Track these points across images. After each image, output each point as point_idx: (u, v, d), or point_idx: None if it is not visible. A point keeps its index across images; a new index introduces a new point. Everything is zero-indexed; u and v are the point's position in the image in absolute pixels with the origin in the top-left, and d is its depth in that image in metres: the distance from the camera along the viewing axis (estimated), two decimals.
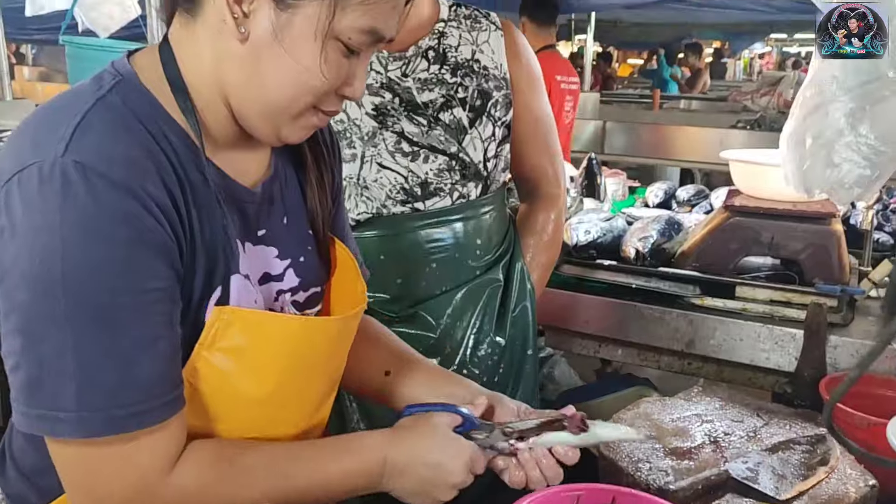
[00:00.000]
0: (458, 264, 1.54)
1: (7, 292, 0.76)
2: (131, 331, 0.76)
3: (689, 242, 1.99)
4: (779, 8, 4.89)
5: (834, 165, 1.56)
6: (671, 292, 1.91)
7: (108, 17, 2.54)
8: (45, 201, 0.73)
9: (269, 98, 0.84)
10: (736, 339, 1.82)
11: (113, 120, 0.79)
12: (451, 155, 1.48)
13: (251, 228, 0.92)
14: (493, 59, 1.52)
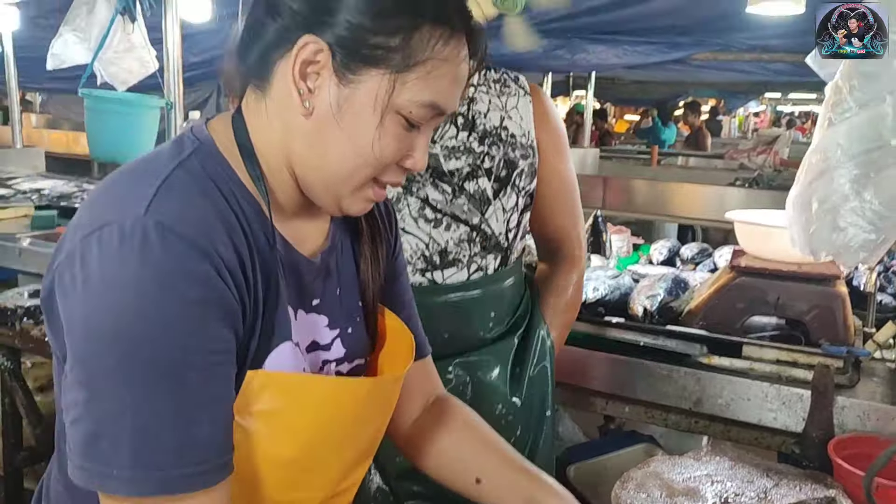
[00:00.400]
0: (471, 335, 1.56)
1: (75, 344, 0.77)
2: (196, 391, 0.77)
3: (695, 301, 2.02)
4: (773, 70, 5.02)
5: (840, 229, 1.59)
6: (679, 351, 1.93)
7: (126, 72, 2.60)
8: (124, 258, 0.75)
9: (331, 170, 0.87)
10: (743, 398, 1.83)
11: (192, 184, 0.82)
12: (473, 226, 1.50)
13: (306, 297, 0.94)
14: (521, 125, 1.54)
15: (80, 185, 4.21)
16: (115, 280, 0.75)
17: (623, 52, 4.19)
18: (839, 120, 1.58)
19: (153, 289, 0.75)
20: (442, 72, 0.85)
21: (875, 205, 1.57)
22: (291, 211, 0.93)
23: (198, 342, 0.77)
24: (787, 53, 4.40)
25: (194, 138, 0.88)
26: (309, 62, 0.83)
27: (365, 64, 0.83)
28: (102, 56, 2.54)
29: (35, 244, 3.10)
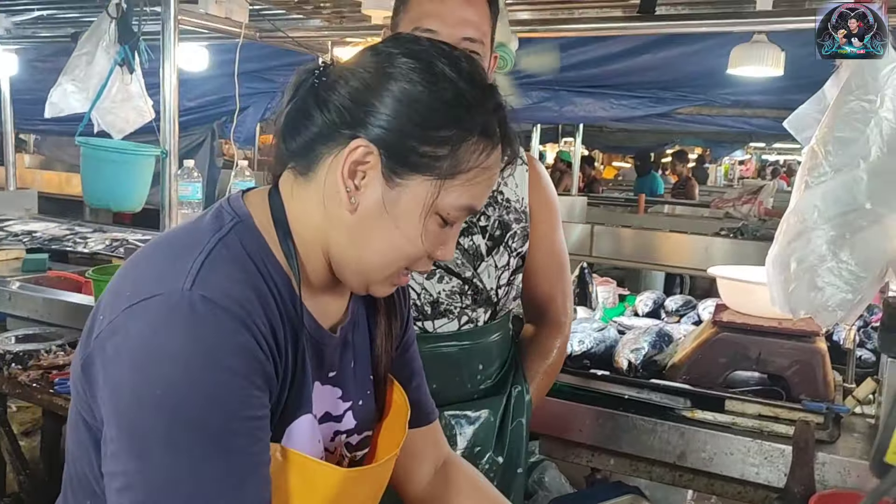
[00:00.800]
0: (458, 385, 1.59)
1: (122, 414, 0.79)
2: (243, 456, 0.80)
3: (679, 355, 2.05)
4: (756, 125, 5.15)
5: (818, 289, 1.64)
6: (663, 404, 1.96)
7: (123, 121, 2.65)
8: (171, 331, 0.78)
9: (369, 261, 0.91)
10: (726, 452, 1.86)
11: (233, 260, 0.86)
12: (465, 279, 1.55)
13: (324, 368, 0.98)
14: (515, 192, 1.61)
15: (72, 228, 4.24)
16: (163, 352, 0.78)
17: (609, 105, 4.29)
18: (815, 183, 1.64)
19: (201, 361, 0.78)
20: (481, 178, 0.90)
21: (851, 265, 1.62)
22: (318, 286, 0.96)
23: (242, 410, 0.81)
24: (768, 109, 4.52)
25: (233, 213, 0.91)
26: (358, 162, 0.87)
27: (412, 170, 0.87)
28: (100, 105, 2.59)
29: (25, 288, 3.12)
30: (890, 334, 1.74)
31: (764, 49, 2.61)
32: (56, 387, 2.33)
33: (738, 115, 4.86)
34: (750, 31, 2.62)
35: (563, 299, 1.72)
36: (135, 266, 0.88)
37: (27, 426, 3.14)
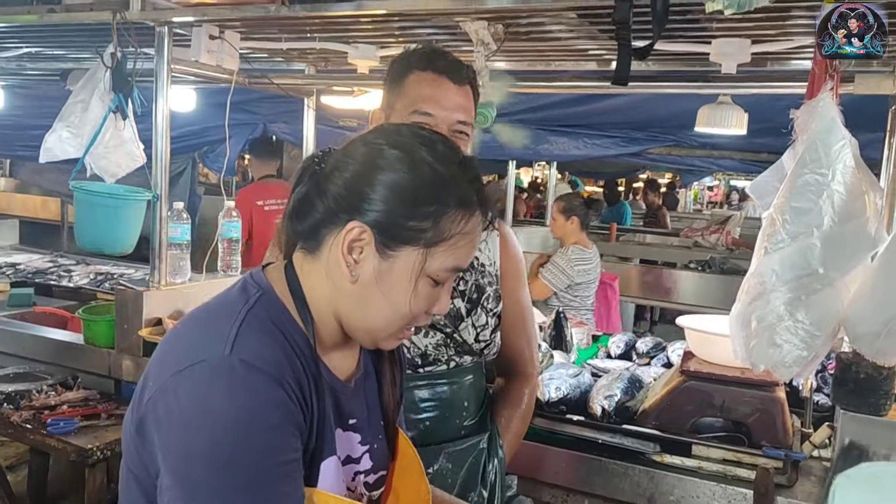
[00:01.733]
0: (448, 422, 1.70)
1: (175, 466, 0.91)
2: (282, 496, 0.92)
3: (649, 401, 2.18)
4: (724, 165, 5.34)
5: (776, 346, 1.77)
6: (634, 448, 2.08)
7: (116, 165, 2.72)
8: (216, 391, 0.90)
9: (374, 323, 1.04)
10: (693, 496, 1.98)
11: (261, 327, 0.98)
12: (447, 334, 1.68)
13: (344, 416, 1.10)
14: (489, 257, 1.74)
15: (55, 260, 4.28)
16: (210, 410, 0.90)
17: (583, 144, 4.45)
18: (773, 249, 1.77)
19: (243, 415, 0.90)
20: (463, 242, 1.03)
21: (807, 325, 1.75)
22: (332, 345, 1.09)
23: (280, 456, 0.93)
24: (734, 151, 4.71)
25: (257, 286, 1.05)
26: (354, 241, 1.00)
27: (401, 243, 1.00)
28: (93, 151, 2.66)
29: (11, 325, 3.16)
30: (842, 388, 1.88)
31: (729, 110, 2.77)
32: (49, 427, 2.40)
33: (706, 155, 5.05)
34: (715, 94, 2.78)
35: (530, 351, 1.83)
36: (177, 337, 1.02)
37: (11, 461, 3.18)
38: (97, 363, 2.83)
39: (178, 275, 2.85)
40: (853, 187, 1.74)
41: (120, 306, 2.75)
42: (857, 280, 1.77)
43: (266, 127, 5.35)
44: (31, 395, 2.57)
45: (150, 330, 2.69)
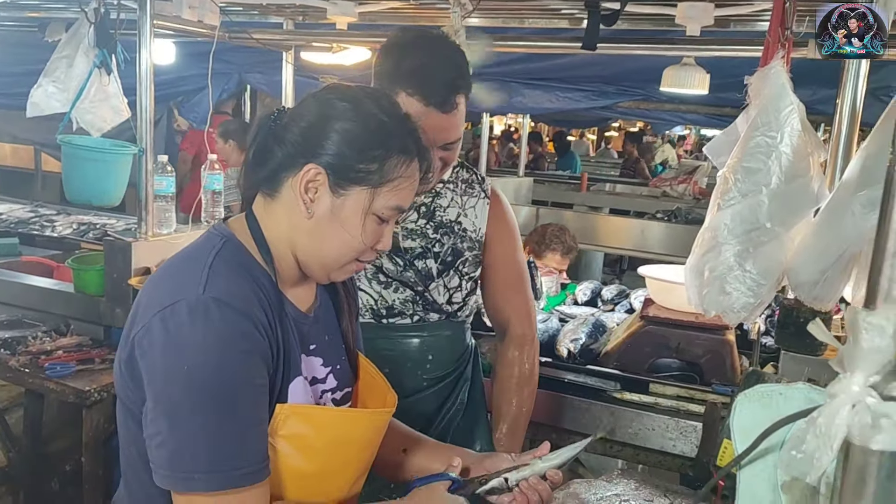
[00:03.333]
0: (410, 374, 1.82)
1: (157, 390, 1.07)
2: (248, 415, 1.09)
3: (611, 344, 2.36)
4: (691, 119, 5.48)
5: (726, 293, 1.94)
6: (596, 386, 2.27)
7: (101, 120, 2.79)
8: (194, 326, 1.05)
9: (326, 256, 1.20)
10: (649, 429, 2.18)
11: (229, 269, 1.13)
12: (417, 292, 1.80)
13: (306, 343, 1.25)
14: (474, 223, 1.84)
15: (36, 210, 4.33)
16: (188, 340, 1.06)
17: (556, 97, 4.56)
18: (726, 205, 1.93)
19: (217, 344, 1.06)
20: (405, 185, 1.20)
21: (754, 274, 1.93)
22: (291, 281, 1.25)
23: (248, 380, 1.09)
24: (701, 105, 4.85)
25: (220, 235, 1.20)
26: (310, 181, 1.16)
27: (351, 183, 1.17)
28: (79, 105, 2.73)
29: (2, 274, 3.25)
30: (784, 331, 2.06)
31: (692, 71, 2.91)
32: (47, 371, 2.53)
33: (674, 109, 5.19)
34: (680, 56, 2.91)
35: (527, 312, 1.90)
36: (156, 283, 1.17)
37: (5, 403, 3.29)
38: (88, 311, 2.94)
39: (164, 226, 2.95)
40: (799, 149, 1.90)
41: (109, 256, 2.85)
42: (799, 234, 1.94)
43: (242, 77, 5.38)
44: (27, 341, 2.69)
45: (140, 279, 2.80)
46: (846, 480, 0.60)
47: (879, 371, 0.58)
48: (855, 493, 0.59)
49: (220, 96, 5.55)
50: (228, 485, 1.06)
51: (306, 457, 1.18)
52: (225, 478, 1.06)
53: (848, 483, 0.60)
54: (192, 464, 1.05)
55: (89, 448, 2.55)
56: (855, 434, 0.59)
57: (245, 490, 1.08)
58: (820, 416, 0.58)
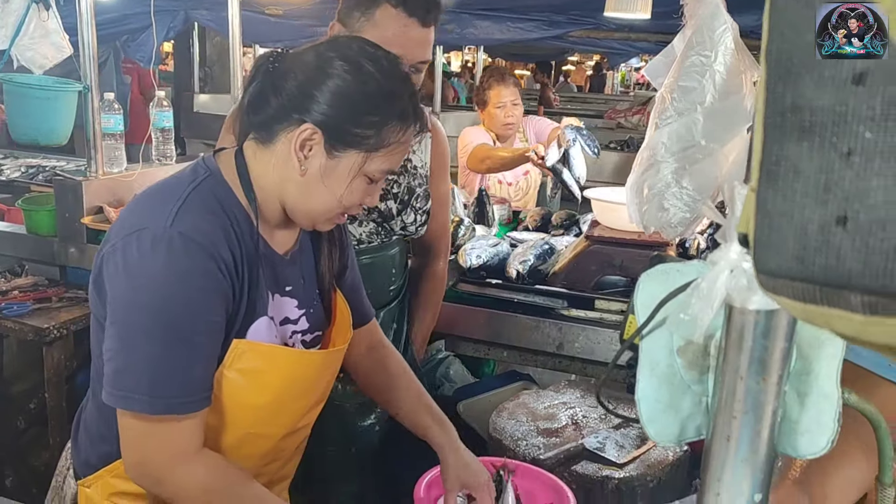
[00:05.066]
0: (381, 287, 1.96)
1: (116, 311, 1.12)
2: (198, 348, 1.13)
3: (559, 265, 2.45)
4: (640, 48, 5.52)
5: (664, 210, 2.03)
6: (545, 305, 2.36)
7: (43, 57, 2.74)
8: (155, 256, 1.09)
9: (315, 209, 1.23)
10: (595, 342, 2.29)
11: (203, 204, 1.16)
12: (378, 224, 1.93)
13: (281, 284, 1.29)
14: (420, 158, 1.96)
15: None
16: (149, 269, 1.10)
17: (507, 28, 4.56)
18: (663, 124, 2.00)
19: (175, 278, 1.10)
20: (399, 149, 1.22)
21: (690, 190, 2.01)
22: (274, 223, 1.28)
23: (203, 315, 1.13)
24: (650, 34, 4.89)
25: (206, 167, 1.22)
26: (307, 139, 1.17)
27: (347, 146, 1.18)
28: (19, 42, 2.67)
29: None
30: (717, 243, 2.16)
31: None
32: (3, 311, 2.54)
33: (624, 38, 5.22)
34: None
35: (444, 235, 2.15)
36: (132, 207, 1.20)
37: None
38: (41, 251, 2.94)
39: (114, 164, 2.94)
40: (733, 67, 1.96)
41: (60, 196, 2.84)
42: (734, 150, 2.02)
43: (188, 14, 5.26)
44: None
45: (93, 218, 2.80)
46: (729, 340, 0.68)
47: None
48: (736, 349, 0.67)
49: (166, 35, 5.44)
50: (166, 411, 1.11)
51: (258, 390, 1.24)
52: (164, 404, 1.11)
53: (730, 342, 0.67)
54: (135, 385, 1.10)
55: (52, 385, 2.59)
56: (734, 296, 0.66)
57: (182, 418, 1.13)
58: (703, 282, 0.65)
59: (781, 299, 0.41)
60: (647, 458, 1.76)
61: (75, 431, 1.36)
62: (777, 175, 0.38)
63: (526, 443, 1.81)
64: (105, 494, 1.28)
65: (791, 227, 0.37)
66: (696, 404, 0.74)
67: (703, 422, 0.76)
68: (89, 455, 1.30)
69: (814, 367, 0.68)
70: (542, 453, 1.76)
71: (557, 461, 1.74)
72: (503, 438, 1.83)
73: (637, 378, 0.75)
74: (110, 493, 1.28)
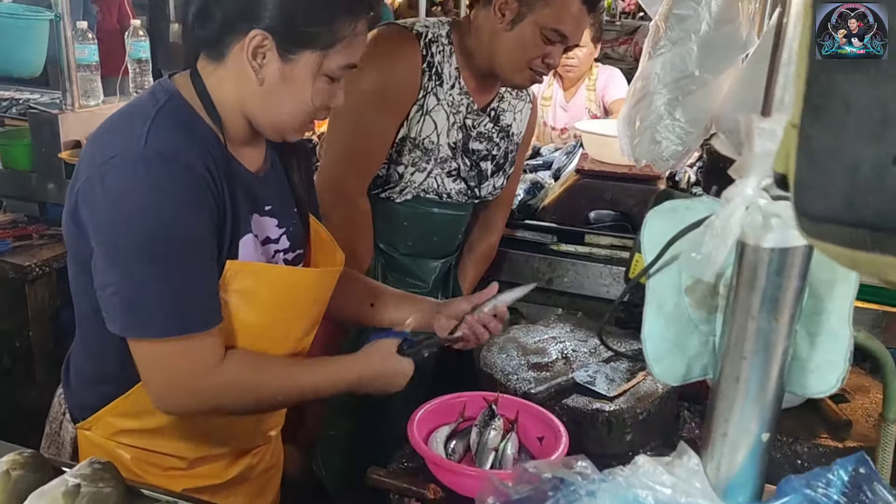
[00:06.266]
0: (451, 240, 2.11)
1: (104, 241, 1.09)
2: (195, 265, 1.11)
3: (548, 199, 2.42)
4: None
5: (656, 143, 2.00)
6: (534, 240, 2.35)
7: None
8: (137, 178, 1.06)
9: (280, 118, 1.19)
10: (584, 276, 2.28)
11: (172, 123, 1.12)
12: (469, 187, 1.99)
13: (259, 203, 1.26)
14: (519, 126, 2.01)
15: None
16: (132, 193, 1.07)
17: None
18: (657, 54, 1.95)
19: (162, 197, 1.07)
20: (355, 42, 1.18)
21: (682, 122, 1.98)
22: (240, 141, 1.24)
23: (193, 232, 1.11)
24: None
25: (165, 91, 1.18)
26: (258, 47, 1.13)
27: (300, 47, 1.14)
28: None
29: None
30: (710, 175, 2.14)
31: None
32: None
33: None
34: None
35: (511, 202, 2.25)
36: (98, 138, 1.16)
37: None
38: (19, 187, 2.87)
39: (90, 97, 2.85)
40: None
41: (35, 130, 2.76)
42: (728, 80, 1.98)
43: None
44: None
45: (71, 152, 2.73)
46: (740, 279, 0.66)
47: (771, 174, 0.63)
48: (747, 288, 0.65)
49: None
50: (183, 329, 1.10)
51: (256, 311, 1.22)
52: (180, 323, 1.10)
53: (742, 280, 0.66)
54: (147, 310, 1.09)
55: (36, 323, 2.57)
56: (748, 234, 0.64)
57: (199, 336, 1.12)
58: (716, 219, 0.63)
59: (826, 246, 0.38)
60: (637, 391, 1.77)
61: (65, 376, 1.34)
62: (825, 109, 0.35)
63: (517, 377, 1.81)
64: (107, 434, 1.28)
65: (840, 167, 0.34)
66: (704, 344, 0.73)
67: (710, 361, 0.75)
68: (85, 398, 1.29)
69: (826, 307, 0.67)
70: (532, 387, 1.76)
71: (549, 395, 1.75)
72: (494, 373, 1.83)
73: (644, 317, 0.74)
74: (112, 432, 1.27)
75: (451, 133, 1.90)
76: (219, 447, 1.35)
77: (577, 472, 0.73)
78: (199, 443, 1.32)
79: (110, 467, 1.11)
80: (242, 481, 1.41)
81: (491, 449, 1.59)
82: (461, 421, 1.68)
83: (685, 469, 0.70)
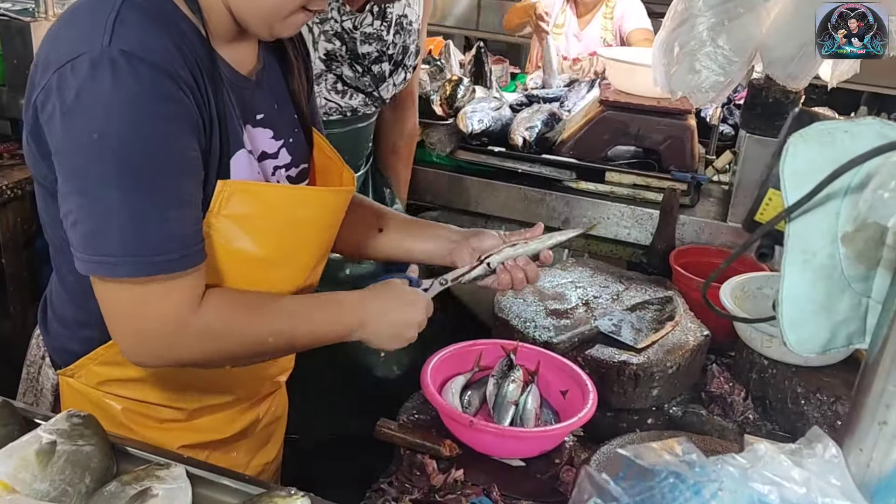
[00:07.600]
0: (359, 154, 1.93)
1: (65, 161, 0.90)
2: (170, 192, 0.92)
3: (567, 132, 2.24)
4: None
5: (695, 72, 1.82)
6: (551, 176, 2.17)
7: None
8: (98, 84, 0.86)
9: (267, 7, 0.98)
10: (604, 217, 2.12)
11: (143, 16, 0.91)
12: (368, 94, 1.80)
13: (250, 112, 1.07)
14: (415, 11, 1.80)
15: None
16: (94, 104, 0.86)
17: None
18: None
19: (127, 109, 0.87)
20: None
21: (726, 50, 1.80)
22: (226, 38, 1.03)
23: (170, 151, 0.91)
24: None
25: None
26: None
27: None
28: None
29: None
30: (751, 112, 1.97)
31: None
32: None
33: None
34: None
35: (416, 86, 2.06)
36: (54, 36, 0.94)
37: None
38: None
39: (65, 3, 2.61)
40: None
41: (6, 39, 2.51)
42: (777, 5, 1.79)
43: None
44: None
45: None
46: None
47: None
48: None
49: None
50: (153, 271, 0.91)
51: (255, 239, 1.03)
52: (143, 264, 0.91)
53: None
54: (107, 245, 0.90)
55: (9, 250, 2.38)
56: None
57: (171, 278, 0.92)
58: None
59: None
60: (667, 342, 1.64)
61: (43, 319, 1.16)
62: None
63: (535, 325, 1.67)
64: (93, 384, 1.11)
65: None
66: (855, 307, 0.57)
67: (858, 328, 0.59)
68: (66, 342, 1.12)
69: None
70: (553, 337, 1.62)
71: (571, 345, 1.61)
72: (510, 319, 1.69)
73: (783, 272, 0.57)
74: (98, 382, 1.11)
75: (319, 46, 1.71)
76: (221, 395, 1.19)
77: (683, 461, 0.58)
78: (199, 391, 1.15)
79: (91, 422, 0.95)
80: (246, 435, 1.26)
81: (510, 402, 1.46)
82: (476, 371, 1.55)
83: (820, 461, 0.56)
